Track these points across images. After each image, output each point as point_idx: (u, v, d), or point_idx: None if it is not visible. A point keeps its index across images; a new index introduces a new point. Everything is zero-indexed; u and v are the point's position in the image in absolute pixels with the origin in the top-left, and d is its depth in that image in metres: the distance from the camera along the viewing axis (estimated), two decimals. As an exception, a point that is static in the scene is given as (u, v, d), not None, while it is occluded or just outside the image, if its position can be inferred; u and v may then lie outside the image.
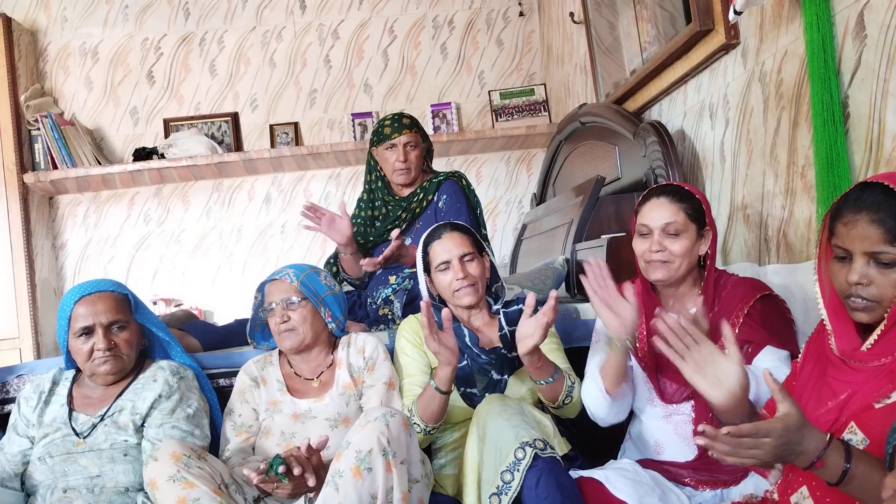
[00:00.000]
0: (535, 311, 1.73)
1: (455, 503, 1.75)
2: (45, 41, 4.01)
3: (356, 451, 1.54)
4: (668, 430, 1.73)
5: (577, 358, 2.00)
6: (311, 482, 1.56)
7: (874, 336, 1.20)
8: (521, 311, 1.96)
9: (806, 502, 1.23)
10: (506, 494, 1.51)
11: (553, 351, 1.94)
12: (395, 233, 2.24)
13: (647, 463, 1.73)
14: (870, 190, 1.18)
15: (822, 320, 1.32)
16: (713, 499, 1.63)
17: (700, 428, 1.13)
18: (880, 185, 1.17)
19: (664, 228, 1.70)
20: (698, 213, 1.72)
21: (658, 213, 1.72)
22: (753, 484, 1.59)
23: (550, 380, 1.77)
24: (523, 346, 1.71)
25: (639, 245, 1.76)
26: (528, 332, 1.70)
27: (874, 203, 1.16)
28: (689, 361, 1.32)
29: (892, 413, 1.10)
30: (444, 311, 1.75)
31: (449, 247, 1.93)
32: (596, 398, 1.76)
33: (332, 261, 2.59)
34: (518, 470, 1.50)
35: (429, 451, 1.87)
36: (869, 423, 1.16)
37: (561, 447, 1.75)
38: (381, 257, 2.24)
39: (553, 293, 1.72)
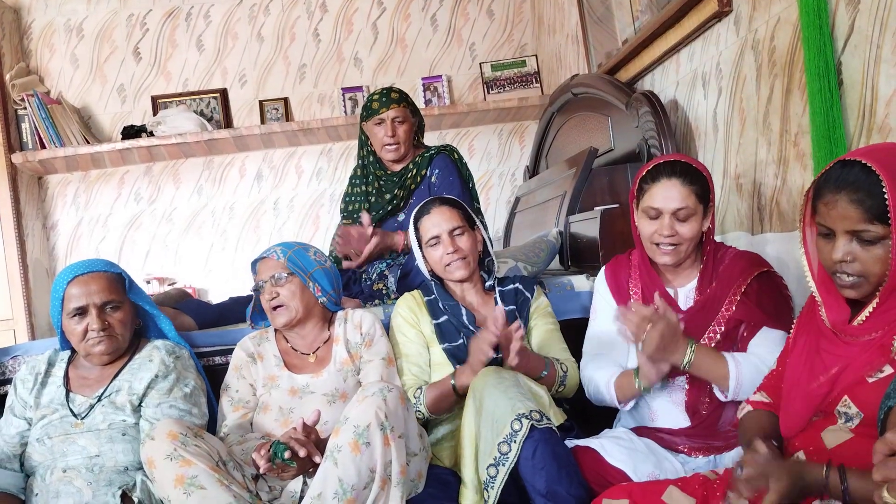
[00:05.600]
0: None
1: (452, 475, 1.77)
2: (28, 18, 3.95)
3: (354, 426, 1.54)
4: (662, 398, 1.75)
5: (572, 329, 2.02)
6: (318, 459, 1.57)
7: (866, 313, 1.22)
8: (516, 290, 1.97)
9: None
10: (503, 465, 1.52)
11: (550, 332, 1.95)
12: (365, 217, 2.25)
13: (641, 431, 1.75)
14: (848, 168, 1.18)
15: (812, 293, 1.33)
16: (707, 465, 1.65)
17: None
18: (859, 163, 1.17)
19: (676, 213, 1.67)
20: (705, 191, 1.70)
21: (671, 196, 1.67)
22: (747, 450, 1.61)
23: (541, 377, 1.80)
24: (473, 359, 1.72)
25: (646, 227, 1.72)
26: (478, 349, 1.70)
27: (853, 182, 1.17)
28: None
29: (884, 387, 1.11)
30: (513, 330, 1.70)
31: (438, 221, 1.93)
32: (603, 400, 1.79)
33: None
34: (515, 441, 1.52)
35: (426, 424, 1.89)
36: (862, 397, 1.17)
37: (557, 418, 1.76)
38: (360, 259, 2.26)
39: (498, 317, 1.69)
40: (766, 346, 1.63)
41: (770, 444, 1.22)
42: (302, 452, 1.55)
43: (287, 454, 1.54)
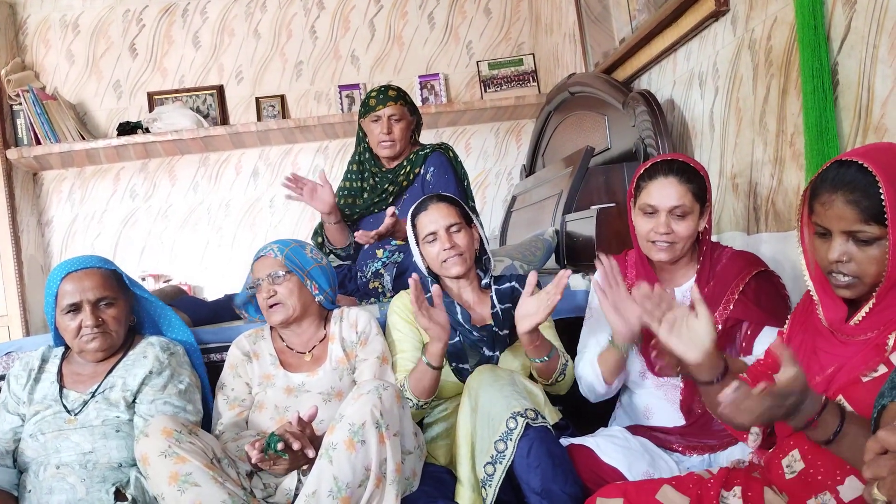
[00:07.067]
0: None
1: (448, 473, 1.77)
2: (24, 14, 3.93)
3: (349, 424, 1.54)
4: (658, 396, 1.75)
5: (566, 329, 2.02)
6: (312, 454, 1.57)
7: (863, 312, 1.22)
8: (513, 289, 1.97)
9: (797, 465, 1.25)
10: (500, 463, 1.53)
11: (545, 328, 1.95)
12: (390, 210, 2.23)
13: (636, 429, 1.75)
14: (845, 169, 1.18)
15: (808, 291, 1.33)
16: (701, 464, 1.66)
17: (734, 384, 1.14)
18: (855, 163, 1.17)
19: (672, 210, 1.68)
20: (702, 190, 1.70)
21: (666, 194, 1.68)
22: (740, 449, 1.62)
23: (546, 358, 1.79)
24: (524, 324, 1.72)
25: (643, 224, 1.73)
26: (530, 310, 1.71)
27: (850, 183, 1.17)
28: (664, 324, 1.41)
29: (878, 386, 1.11)
30: (435, 288, 1.76)
31: (435, 217, 1.93)
32: (592, 384, 1.79)
33: (318, 230, 2.58)
34: (511, 439, 1.52)
35: (421, 422, 1.89)
36: (856, 396, 1.17)
37: (552, 416, 1.77)
38: (374, 232, 2.25)
39: (564, 273, 1.70)
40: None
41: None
42: (296, 445, 1.55)
43: (280, 446, 1.54)
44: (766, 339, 1.65)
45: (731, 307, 1.68)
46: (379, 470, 1.55)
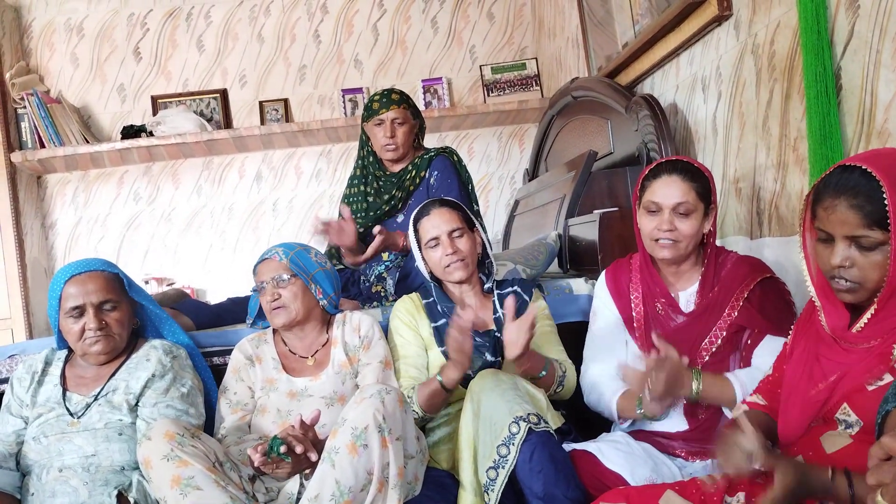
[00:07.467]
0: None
1: (450, 477, 1.76)
2: (29, 17, 3.95)
3: (352, 428, 1.54)
4: (661, 402, 1.75)
5: (571, 333, 2.02)
6: (314, 457, 1.57)
7: (864, 320, 1.22)
8: (515, 293, 1.96)
9: None
10: (503, 468, 1.52)
11: (547, 334, 1.95)
12: (377, 229, 2.24)
13: (639, 434, 1.75)
14: (848, 173, 1.18)
15: (811, 298, 1.33)
16: (704, 469, 1.65)
17: None
18: (859, 168, 1.17)
19: (675, 208, 1.68)
20: (706, 191, 1.71)
21: (670, 192, 1.68)
22: (744, 455, 1.61)
23: (541, 375, 1.79)
24: (509, 352, 1.71)
25: (647, 223, 1.73)
26: (512, 338, 1.69)
27: (853, 187, 1.17)
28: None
29: (883, 394, 1.11)
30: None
31: (438, 223, 1.93)
32: (602, 412, 1.79)
33: (334, 252, 2.57)
34: (513, 444, 1.52)
35: (423, 426, 1.89)
36: (862, 404, 1.17)
37: (554, 421, 1.76)
38: (363, 257, 2.25)
39: (531, 309, 1.69)
40: (771, 357, 1.62)
41: (765, 442, 1.21)
42: (298, 449, 1.54)
43: (283, 449, 1.54)
44: (767, 348, 1.65)
45: (736, 314, 1.68)
46: (381, 474, 1.54)
